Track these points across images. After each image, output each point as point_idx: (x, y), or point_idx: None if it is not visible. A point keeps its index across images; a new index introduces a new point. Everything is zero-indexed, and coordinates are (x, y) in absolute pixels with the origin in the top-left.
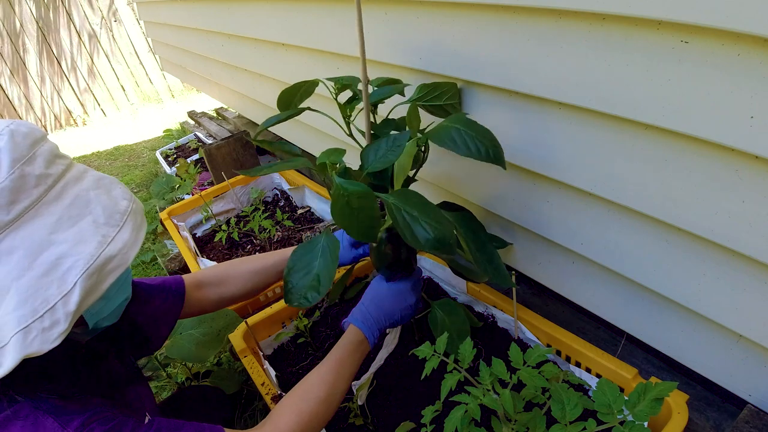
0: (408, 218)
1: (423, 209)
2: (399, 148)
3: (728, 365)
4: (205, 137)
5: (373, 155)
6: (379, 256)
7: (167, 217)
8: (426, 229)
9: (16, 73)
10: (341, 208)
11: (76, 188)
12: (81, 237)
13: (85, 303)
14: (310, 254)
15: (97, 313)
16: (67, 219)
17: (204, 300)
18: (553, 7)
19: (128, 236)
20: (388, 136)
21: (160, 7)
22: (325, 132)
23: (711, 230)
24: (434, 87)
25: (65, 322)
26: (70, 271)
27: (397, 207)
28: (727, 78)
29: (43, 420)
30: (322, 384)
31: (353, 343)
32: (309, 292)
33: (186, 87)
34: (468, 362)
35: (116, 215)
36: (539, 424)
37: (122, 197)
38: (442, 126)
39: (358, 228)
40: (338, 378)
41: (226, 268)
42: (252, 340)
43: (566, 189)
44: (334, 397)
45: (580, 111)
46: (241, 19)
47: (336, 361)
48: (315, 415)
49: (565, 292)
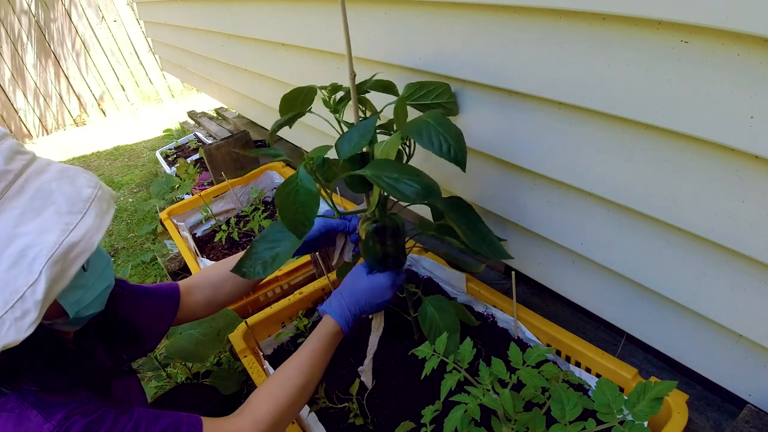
0: (390, 181)
1: (400, 170)
2: (369, 133)
3: (728, 365)
4: (205, 137)
5: (347, 144)
6: (366, 250)
7: (167, 217)
8: (410, 184)
9: (15, 73)
10: (288, 193)
11: (38, 181)
12: (44, 227)
13: (54, 290)
14: (282, 232)
15: (77, 302)
16: (30, 211)
17: (193, 304)
18: (553, 7)
19: (92, 222)
20: (358, 125)
21: (160, 7)
22: (324, 131)
23: (711, 230)
24: (420, 86)
25: (35, 310)
26: (36, 260)
27: (377, 175)
28: (727, 78)
29: (28, 412)
30: (298, 373)
31: (329, 335)
32: (260, 266)
33: (186, 87)
34: (468, 362)
35: (79, 203)
36: (539, 423)
37: (86, 185)
38: (417, 118)
39: (293, 218)
40: (314, 367)
41: (209, 269)
42: (252, 340)
43: (566, 189)
44: (309, 385)
45: (580, 111)
46: (241, 19)
47: (312, 350)
48: (292, 403)
49: (565, 291)
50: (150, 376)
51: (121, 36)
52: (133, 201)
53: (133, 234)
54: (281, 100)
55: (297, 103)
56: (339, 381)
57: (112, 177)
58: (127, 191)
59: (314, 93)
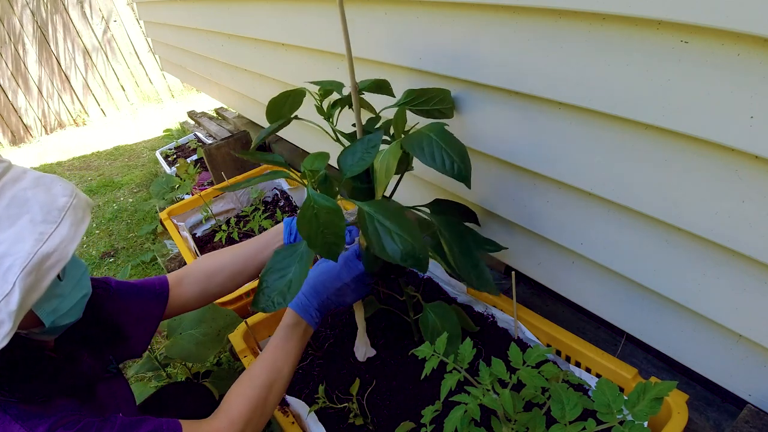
0: (380, 228)
1: (398, 221)
2: (374, 148)
3: (728, 365)
4: (205, 137)
5: (351, 159)
6: (368, 259)
7: (167, 217)
8: (396, 241)
9: (16, 73)
10: (309, 220)
11: (13, 189)
12: (18, 236)
13: (28, 301)
14: (289, 258)
15: (53, 311)
16: (6, 219)
17: (184, 296)
18: (553, 7)
19: (66, 231)
20: (362, 139)
21: (160, 7)
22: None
23: (711, 230)
24: (421, 92)
25: (9, 321)
26: (9, 270)
27: (370, 216)
28: (727, 78)
29: (10, 426)
30: (265, 370)
31: (289, 327)
32: (277, 296)
33: (186, 87)
34: (468, 362)
35: (54, 212)
36: (539, 424)
37: (62, 194)
38: (418, 132)
39: (323, 244)
40: (280, 362)
41: (203, 261)
42: (252, 340)
43: (566, 189)
44: (279, 380)
45: (580, 111)
46: (241, 19)
47: (275, 347)
48: (263, 400)
49: (565, 291)
50: (150, 376)
51: (121, 36)
52: (133, 201)
53: (133, 234)
54: (268, 105)
55: (285, 107)
56: (339, 381)
57: (112, 177)
58: (127, 191)
59: (302, 96)
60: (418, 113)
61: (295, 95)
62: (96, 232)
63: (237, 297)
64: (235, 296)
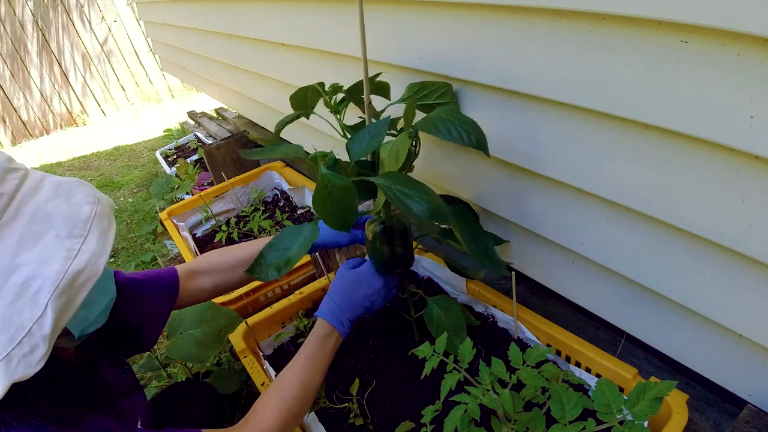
0: (401, 195)
1: (412, 186)
2: (381, 134)
3: (728, 365)
4: (205, 137)
5: (359, 145)
6: (374, 251)
7: (167, 217)
8: (419, 202)
9: (16, 73)
10: (323, 198)
11: (33, 202)
12: (45, 255)
13: (61, 322)
14: (293, 237)
15: (81, 321)
16: (29, 237)
17: (197, 289)
18: (553, 7)
19: (95, 245)
20: (369, 126)
21: (160, 7)
22: (325, 132)
23: (711, 230)
24: (423, 86)
25: (44, 345)
26: (40, 292)
27: (387, 186)
28: (727, 78)
29: None
30: (296, 381)
31: (321, 338)
32: (273, 269)
33: (186, 87)
34: (467, 362)
35: (79, 224)
36: (539, 423)
37: (84, 202)
38: (428, 117)
39: (337, 218)
40: (311, 373)
41: (218, 256)
42: (252, 340)
43: (566, 189)
44: (309, 391)
45: (580, 111)
46: (241, 19)
47: (306, 357)
48: (293, 412)
49: (565, 292)
50: (150, 376)
51: (121, 36)
52: (133, 201)
53: (133, 234)
54: (291, 99)
55: (305, 102)
56: (339, 381)
57: (112, 177)
58: (127, 191)
59: (319, 94)
60: (420, 108)
61: (312, 90)
62: None
63: (237, 297)
64: (235, 296)
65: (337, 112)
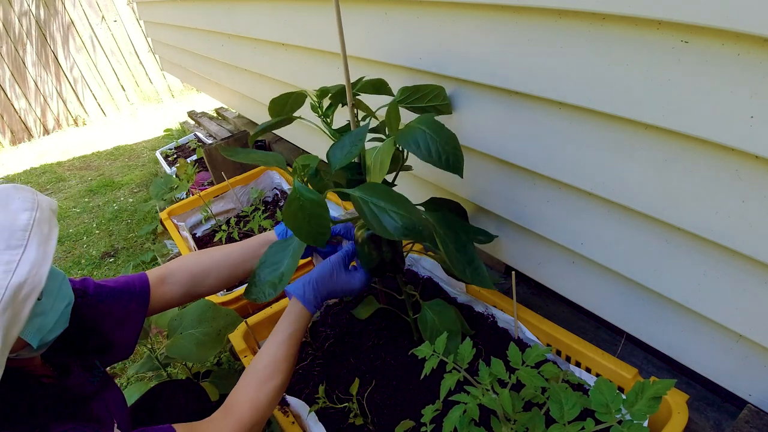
0: (375, 209)
1: (390, 200)
2: (361, 141)
3: (728, 365)
4: (205, 137)
5: (339, 152)
6: (362, 257)
7: (167, 217)
8: (394, 218)
9: (16, 73)
10: (294, 212)
11: None
12: None
13: (10, 337)
14: (282, 252)
15: (38, 330)
16: None
17: (168, 295)
18: (553, 7)
19: (35, 254)
20: (350, 132)
21: (160, 7)
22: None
23: (711, 230)
24: (416, 89)
25: None
26: None
27: (363, 200)
28: (727, 78)
29: None
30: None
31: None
32: (269, 288)
33: (186, 87)
34: (467, 362)
35: (17, 233)
36: (538, 423)
37: (22, 209)
38: (410, 126)
39: (308, 232)
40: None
41: (190, 260)
42: (252, 340)
43: (566, 189)
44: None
45: (580, 111)
46: (241, 19)
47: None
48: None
49: (565, 291)
50: (150, 376)
51: (121, 36)
52: (134, 201)
53: (133, 234)
54: (270, 104)
55: (286, 107)
56: (339, 381)
57: (112, 177)
58: (127, 191)
59: (304, 98)
60: (413, 110)
61: (297, 96)
62: (96, 232)
63: (237, 297)
64: (235, 296)
65: (326, 116)
